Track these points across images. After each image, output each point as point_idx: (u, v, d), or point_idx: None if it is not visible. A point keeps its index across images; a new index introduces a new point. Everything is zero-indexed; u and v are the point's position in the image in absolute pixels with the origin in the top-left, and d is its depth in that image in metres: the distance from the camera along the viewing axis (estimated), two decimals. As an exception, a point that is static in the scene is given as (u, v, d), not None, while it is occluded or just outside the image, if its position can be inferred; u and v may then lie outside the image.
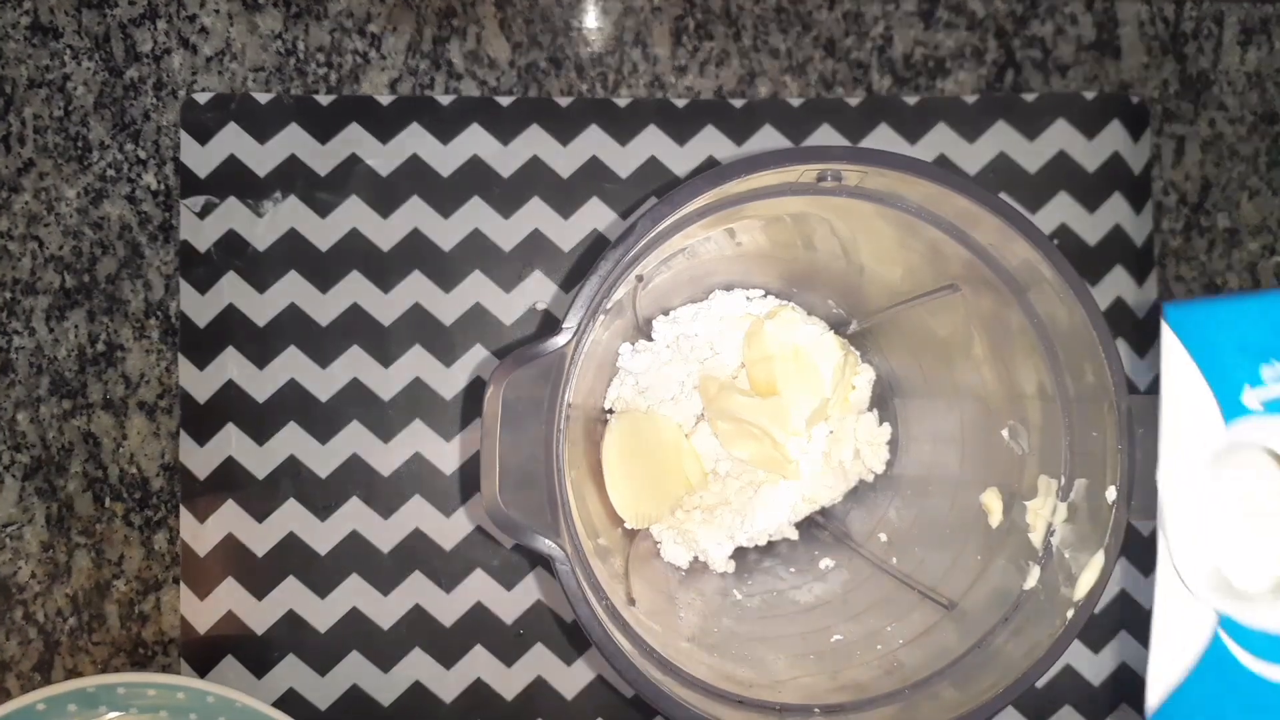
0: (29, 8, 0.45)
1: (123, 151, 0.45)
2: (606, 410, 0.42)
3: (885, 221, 0.33)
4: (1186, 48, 0.47)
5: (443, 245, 0.45)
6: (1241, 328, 0.22)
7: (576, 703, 0.44)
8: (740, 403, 0.40)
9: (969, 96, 0.46)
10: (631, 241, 0.29)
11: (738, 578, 0.41)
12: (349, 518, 0.44)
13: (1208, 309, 0.23)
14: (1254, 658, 0.21)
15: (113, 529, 0.44)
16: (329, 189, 0.45)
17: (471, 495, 0.45)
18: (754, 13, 0.46)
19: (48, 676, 0.44)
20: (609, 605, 0.31)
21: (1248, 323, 0.22)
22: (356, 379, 0.45)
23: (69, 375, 0.44)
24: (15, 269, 0.44)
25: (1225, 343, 0.22)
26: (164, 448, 0.44)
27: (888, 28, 0.46)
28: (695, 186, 0.29)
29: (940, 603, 0.35)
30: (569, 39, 0.46)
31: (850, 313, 0.42)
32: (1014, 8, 0.47)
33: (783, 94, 0.46)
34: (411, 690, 0.44)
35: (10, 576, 0.44)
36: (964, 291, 0.34)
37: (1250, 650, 0.21)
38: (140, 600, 0.44)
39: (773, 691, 0.32)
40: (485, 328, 0.45)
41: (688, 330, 0.41)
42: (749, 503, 0.41)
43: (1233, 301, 0.22)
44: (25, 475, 0.44)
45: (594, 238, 0.45)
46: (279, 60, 0.45)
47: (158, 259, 0.45)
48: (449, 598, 0.44)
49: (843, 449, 0.41)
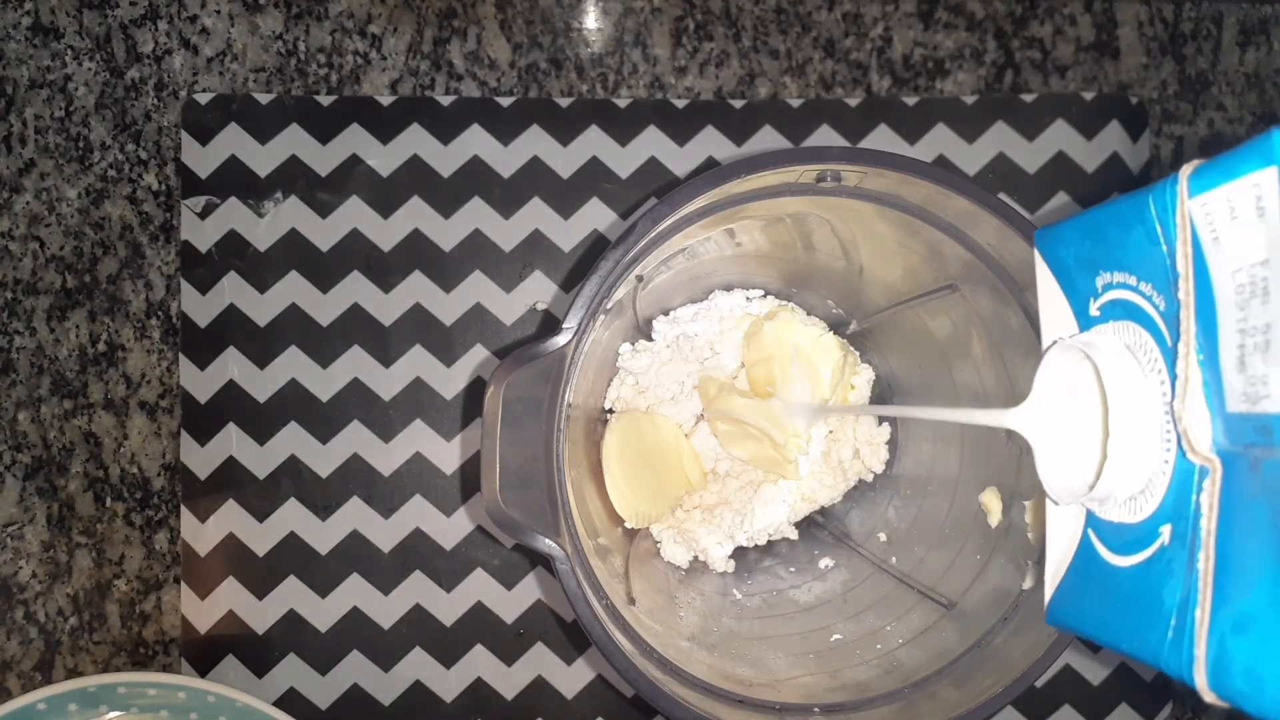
0: (30, 8, 0.45)
1: (124, 152, 0.45)
2: (606, 410, 0.42)
3: (885, 222, 0.33)
4: (1185, 48, 0.47)
5: (443, 245, 0.45)
6: (1081, 243, 0.23)
7: (576, 702, 0.44)
8: (740, 403, 0.40)
9: (968, 97, 0.46)
10: (631, 241, 0.29)
11: (738, 577, 0.41)
12: (349, 517, 0.44)
13: (1058, 229, 0.24)
14: (1107, 549, 0.22)
15: (114, 529, 0.44)
16: (330, 189, 0.45)
17: (472, 495, 0.45)
18: (754, 14, 0.46)
19: (49, 676, 0.44)
20: (609, 605, 0.31)
21: (1084, 237, 0.23)
22: (357, 379, 0.45)
23: (70, 375, 0.44)
24: (16, 269, 0.45)
25: (1072, 258, 0.24)
26: (165, 447, 0.45)
27: (887, 29, 0.46)
28: (695, 187, 0.29)
29: (940, 602, 0.35)
30: (569, 40, 0.46)
31: (850, 313, 0.42)
32: (1013, 9, 0.47)
33: (782, 95, 0.46)
34: (412, 690, 0.44)
35: (11, 576, 0.44)
36: (964, 291, 0.34)
37: (1105, 542, 0.23)
38: (141, 600, 0.44)
39: (772, 691, 0.33)
40: (485, 328, 0.45)
41: (688, 330, 0.42)
42: (749, 502, 0.41)
43: (1075, 219, 0.23)
44: (26, 475, 0.44)
45: (594, 238, 0.45)
46: (280, 61, 0.46)
47: (159, 259, 0.45)
48: (449, 597, 0.44)
49: (842, 449, 0.41)
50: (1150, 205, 0.20)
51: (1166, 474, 0.20)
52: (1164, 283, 0.20)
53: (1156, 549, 0.20)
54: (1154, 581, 0.20)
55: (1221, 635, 0.18)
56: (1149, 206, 0.20)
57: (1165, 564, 0.20)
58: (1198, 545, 0.19)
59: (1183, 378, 0.19)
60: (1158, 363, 0.21)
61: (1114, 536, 0.22)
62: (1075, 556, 0.24)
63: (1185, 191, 0.19)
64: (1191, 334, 0.19)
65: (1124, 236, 0.21)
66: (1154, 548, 0.20)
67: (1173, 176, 0.19)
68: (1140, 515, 0.21)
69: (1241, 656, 0.17)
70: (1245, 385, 0.18)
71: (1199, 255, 0.19)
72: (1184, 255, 0.19)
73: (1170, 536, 0.20)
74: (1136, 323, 0.21)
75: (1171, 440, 0.20)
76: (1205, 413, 0.19)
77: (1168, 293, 0.20)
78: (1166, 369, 0.20)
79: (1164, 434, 0.20)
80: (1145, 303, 0.21)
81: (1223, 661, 0.18)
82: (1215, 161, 0.18)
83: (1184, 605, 0.19)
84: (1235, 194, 0.18)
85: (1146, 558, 0.21)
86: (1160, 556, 0.20)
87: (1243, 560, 0.18)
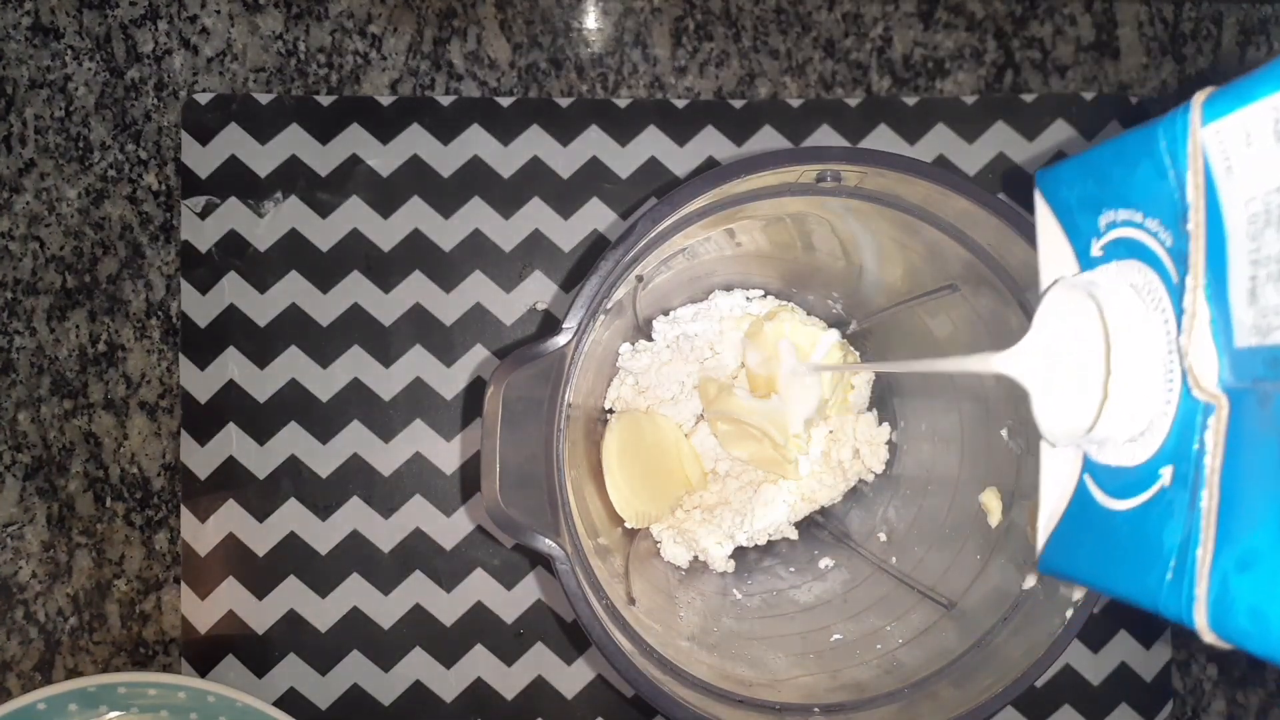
0: (30, 8, 0.45)
1: (124, 152, 0.45)
2: (606, 410, 0.42)
3: (885, 222, 0.33)
4: (1185, 48, 0.47)
5: (443, 245, 0.45)
6: (1084, 181, 0.23)
7: (576, 702, 0.44)
8: (740, 404, 0.40)
9: (968, 97, 0.46)
10: (631, 241, 0.29)
11: (738, 577, 0.41)
12: (349, 517, 0.44)
13: (1061, 168, 0.23)
14: (1104, 493, 0.22)
15: (114, 529, 0.44)
16: (330, 189, 0.45)
17: (472, 495, 0.45)
18: (754, 14, 0.46)
19: (49, 676, 0.44)
20: (609, 605, 0.31)
21: (1088, 175, 0.22)
22: (357, 379, 0.45)
23: (70, 375, 0.44)
24: (16, 269, 0.45)
25: (1074, 198, 0.23)
26: (165, 447, 0.45)
27: (887, 29, 0.46)
28: (695, 187, 0.29)
29: (940, 602, 0.35)
30: (569, 40, 0.46)
31: (850, 313, 0.42)
32: (1013, 9, 0.47)
33: (782, 95, 0.46)
34: (412, 690, 0.44)
35: (11, 576, 0.44)
36: (964, 291, 0.34)
37: (1102, 486, 0.22)
38: (141, 600, 0.44)
39: (772, 691, 0.33)
40: (485, 328, 0.45)
41: (688, 330, 0.42)
42: (749, 502, 0.41)
43: (1079, 157, 0.23)
44: (26, 475, 0.44)
45: (594, 238, 0.45)
46: (280, 61, 0.46)
47: (159, 259, 0.45)
48: (449, 597, 0.44)
49: (842, 449, 0.41)
50: (1159, 137, 0.20)
51: (1169, 414, 0.20)
52: (1171, 217, 0.20)
53: (1156, 491, 0.20)
54: (1153, 524, 0.20)
55: (1224, 574, 0.18)
56: (1158, 139, 0.20)
57: (1165, 505, 0.20)
58: (1200, 484, 0.18)
59: (1189, 313, 0.19)
60: (1162, 300, 0.20)
61: (1111, 480, 0.22)
62: (1070, 503, 0.23)
63: (1198, 120, 0.18)
64: (1200, 267, 0.19)
65: (1130, 172, 0.21)
66: (1153, 489, 0.20)
67: (1183, 105, 0.19)
68: (1140, 458, 0.21)
69: (1245, 594, 0.17)
70: (1256, 318, 0.17)
71: (1210, 185, 0.18)
72: (1195, 185, 0.19)
73: (1171, 478, 0.19)
74: (1141, 260, 0.21)
75: (1175, 379, 0.19)
76: (1212, 349, 0.18)
77: (1175, 228, 0.19)
78: (1172, 306, 0.20)
79: (1167, 373, 0.20)
80: (1151, 239, 0.20)
81: (1225, 601, 0.17)
82: (1230, 87, 0.18)
83: (1184, 546, 0.19)
84: (1252, 119, 0.17)
85: (1145, 500, 0.20)
86: (1160, 498, 0.20)
87: (1248, 497, 0.17)
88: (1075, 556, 0.23)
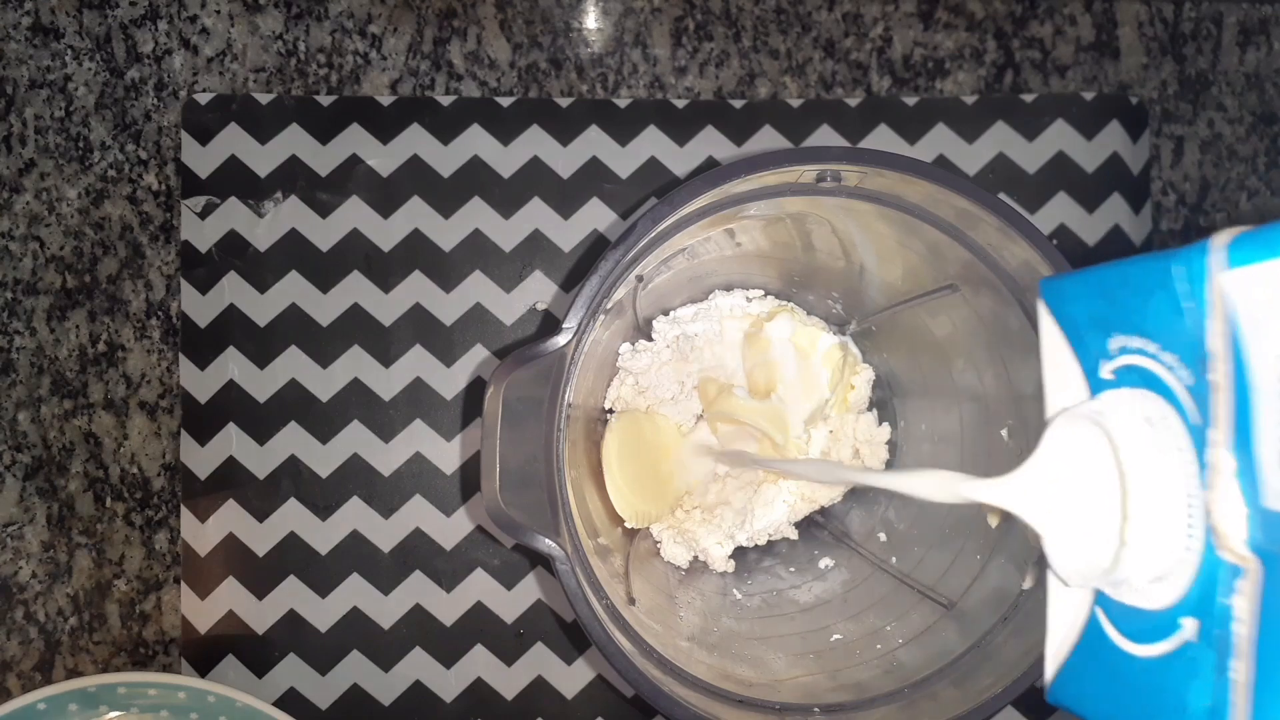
0: (30, 8, 0.45)
1: (124, 152, 0.45)
2: (606, 410, 0.42)
3: (885, 222, 0.33)
4: (1185, 48, 0.47)
5: (443, 245, 0.45)
6: (1092, 299, 0.21)
7: (576, 702, 0.44)
8: (739, 404, 0.40)
9: (968, 97, 0.46)
10: (631, 241, 0.29)
11: (738, 577, 0.41)
12: (349, 517, 0.44)
13: (1066, 281, 0.22)
14: (1119, 634, 0.20)
15: (113, 529, 0.44)
16: (330, 189, 0.45)
17: (472, 495, 0.45)
18: (754, 14, 0.46)
19: (48, 676, 0.44)
20: (609, 605, 0.31)
21: (1096, 294, 0.21)
22: (357, 379, 0.45)
23: (70, 375, 0.44)
24: (16, 269, 0.45)
25: (1081, 315, 0.21)
26: (165, 447, 0.45)
27: (887, 29, 0.46)
28: (695, 187, 0.29)
29: (940, 602, 0.35)
30: (569, 40, 0.46)
31: (850, 313, 0.42)
32: (1013, 8, 0.47)
33: (782, 95, 0.46)
34: (412, 690, 0.44)
35: (11, 576, 0.44)
36: (964, 291, 0.34)
37: (1117, 626, 0.21)
38: (141, 600, 0.44)
39: (772, 691, 0.33)
40: (485, 328, 0.45)
41: (688, 330, 0.42)
42: (749, 502, 0.41)
43: (1085, 273, 0.21)
44: (26, 475, 0.44)
45: (594, 238, 0.45)
46: (280, 61, 0.46)
47: (159, 259, 0.45)
48: (449, 597, 0.44)
49: (842, 449, 0.41)
50: (1175, 274, 0.18)
51: (1191, 562, 0.18)
52: (1190, 356, 0.18)
53: (1179, 643, 0.18)
54: (1175, 679, 0.18)
55: None
56: (1173, 274, 0.18)
57: (1189, 662, 0.18)
58: (1228, 650, 0.17)
59: (1214, 468, 0.17)
60: (1180, 440, 0.18)
61: (1127, 621, 0.20)
62: (1082, 636, 0.22)
63: (1220, 262, 0.17)
64: (1225, 422, 0.17)
65: (1143, 301, 0.19)
66: (1175, 640, 0.19)
67: (1200, 245, 0.17)
68: (1159, 603, 0.19)
69: None
70: None
71: (1235, 336, 0.17)
72: (1219, 334, 0.17)
73: (1196, 633, 0.18)
74: (1156, 393, 0.19)
75: (1196, 526, 0.18)
76: (1240, 506, 0.17)
77: (1195, 368, 0.18)
78: (1192, 449, 0.18)
79: (1188, 519, 0.18)
80: (1167, 374, 0.19)
81: None
82: (1258, 232, 0.16)
83: (1213, 713, 0.17)
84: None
85: (1167, 651, 0.19)
86: (1183, 653, 0.18)
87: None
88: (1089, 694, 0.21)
